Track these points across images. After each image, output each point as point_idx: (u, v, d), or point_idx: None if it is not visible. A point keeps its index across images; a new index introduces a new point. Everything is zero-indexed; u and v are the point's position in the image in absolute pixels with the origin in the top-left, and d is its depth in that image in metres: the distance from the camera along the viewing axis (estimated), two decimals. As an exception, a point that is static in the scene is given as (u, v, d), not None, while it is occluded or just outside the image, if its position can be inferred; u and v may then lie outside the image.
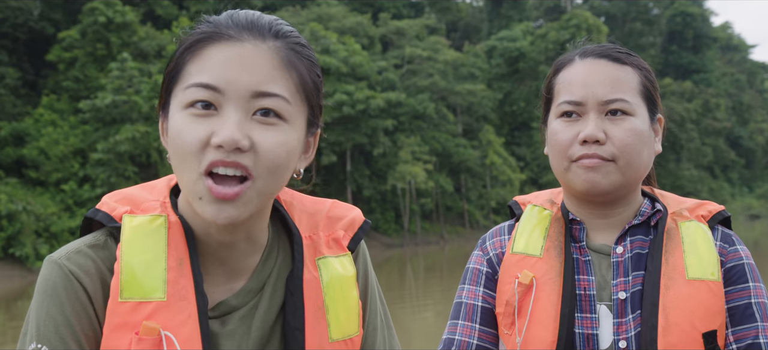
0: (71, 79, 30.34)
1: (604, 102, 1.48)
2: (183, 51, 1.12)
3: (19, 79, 31.04)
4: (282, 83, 1.11)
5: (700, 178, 56.90)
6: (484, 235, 1.72)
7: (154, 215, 1.17)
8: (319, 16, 37.22)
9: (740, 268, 1.51)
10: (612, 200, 1.54)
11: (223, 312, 1.18)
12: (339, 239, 1.29)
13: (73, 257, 1.12)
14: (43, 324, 1.09)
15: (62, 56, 30.96)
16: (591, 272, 1.53)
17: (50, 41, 32.42)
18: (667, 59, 63.86)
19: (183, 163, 1.09)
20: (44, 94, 31.03)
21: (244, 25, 1.12)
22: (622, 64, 1.51)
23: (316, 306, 1.21)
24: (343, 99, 32.59)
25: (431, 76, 37.79)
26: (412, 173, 33.95)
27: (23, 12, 31.49)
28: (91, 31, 29.93)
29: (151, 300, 1.10)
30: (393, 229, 36.23)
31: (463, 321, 1.61)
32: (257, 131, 1.08)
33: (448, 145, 37.59)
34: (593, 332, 1.49)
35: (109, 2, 29.84)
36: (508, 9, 51.55)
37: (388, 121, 33.93)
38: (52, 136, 28.32)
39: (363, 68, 34.31)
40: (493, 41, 45.91)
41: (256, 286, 1.21)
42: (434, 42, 40.02)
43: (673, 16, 63.12)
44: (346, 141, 33.60)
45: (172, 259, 1.13)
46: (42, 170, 27.76)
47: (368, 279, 1.34)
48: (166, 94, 1.15)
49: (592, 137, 1.47)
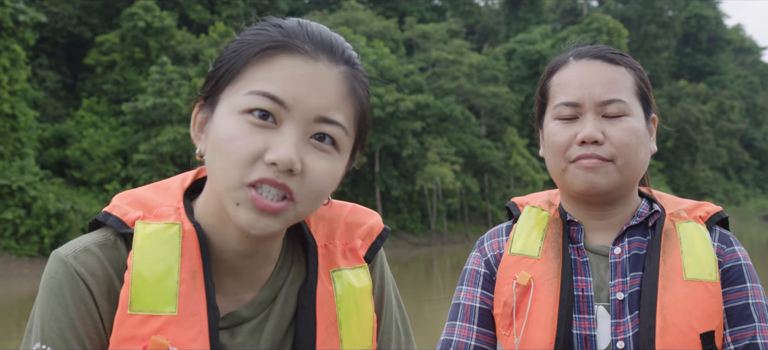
0: (111, 83, 31.19)
1: (601, 103, 1.49)
2: (250, 52, 1.07)
3: (58, 82, 31.97)
4: (345, 113, 1.08)
5: (714, 179, 57.49)
6: (482, 236, 1.71)
7: (168, 222, 1.12)
8: (346, 20, 38.02)
9: (738, 269, 1.51)
10: (610, 200, 1.54)
11: (232, 323, 1.15)
12: (356, 249, 1.25)
13: (80, 256, 1.09)
14: (48, 324, 1.07)
15: (100, 60, 31.80)
16: (589, 273, 1.53)
17: (88, 45, 33.29)
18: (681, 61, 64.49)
19: (228, 169, 1.04)
20: (83, 96, 31.91)
21: (319, 42, 1.08)
22: (616, 65, 1.52)
23: (329, 322, 1.17)
24: (373, 101, 33.32)
25: (457, 78, 38.51)
26: (440, 174, 34.67)
27: (62, 17, 32.38)
28: (130, 35, 30.76)
29: (161, 313, 1.07)
30: (420, 228, 36.99)
31: (460, 322, 1.60)
32: (311, 155, 1.05)
33: (474, 146, 38.33)
34: (591, 333, 1.49)
35: (147, 7, 30.66)
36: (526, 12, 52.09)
37: (417, 123, 34.68)
38: (93, 137, 29.16)
39: (392, 71, 35.08)
40: (512, 44, 46.51)
41: (268, 298, 1.18)
42: (459, 45, 40.76)
43: (688, 19, 63.68)
44: (375, 143, 34.37)
45: (185, 272, 1.09)
46: (85, 170, 28.60)
47: (384, 289, 1.30)
48: (216, 89, 1.09)
49: (591, 138, 1.47)
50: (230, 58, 1.09)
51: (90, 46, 32.94)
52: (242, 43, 1.09)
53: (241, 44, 1.09)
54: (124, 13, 31.02)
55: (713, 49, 65.80)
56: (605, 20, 46.03)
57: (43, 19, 26.60)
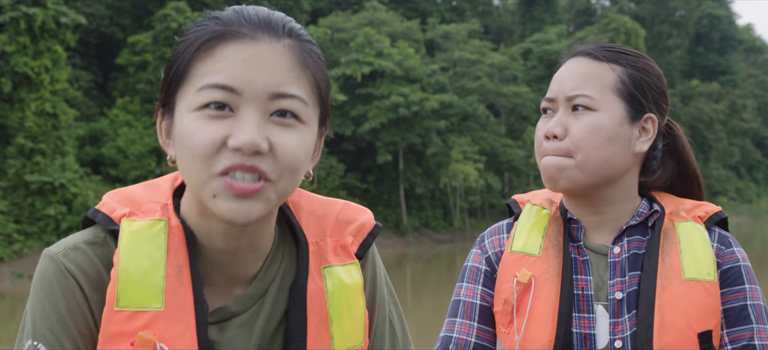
0: (144, 82, 31.91)
1: (567, 98, 1.50)
2: (191, 50, 1.06)
3: (91, 82, 32.71)
4: (299, 84, 1.07)
5: (727, 177, 57.97)
6: (483, 233, 1.71)
7: (154, 219, 1.13)
8: (371, 20, 38.67)
9: (736, 270, 1.51)
10: (593, 198, 1.54)
11: (221, 317, 1.14)
12: (347, 245, 1.24)
13: (70, 254, 1.10)
14: (40, 321, 1.07)
15: (132, 60, 32.51)
16: (589, 272, 1.54)
17: (118, 45, 34.02)
18: (693, 61, 64.89)
19: (194, 165, 1.04)
20: (114, 95, 32.64)
21: (257, 23, 1.07)
22: (598, 62, 1.51)
23: (320, 318, 1.17)
24: (399, 101, 34.04)
25: (479, 78, 39.15)
26: (463, 172, 35.32)
27: (95, 18, 33.10)
28: (162, 36, 31.46)
29: (148, 309, 1.07)
30: (442, 226, 37.66)
31: (461, 319, 1.61)
32: (275, 132, 1.04)
33: (496, 145, 38.98)
34: (590, 332, 1.50)
35: (179, 8, 31.35)
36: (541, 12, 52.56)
37: (442, 122, 35.33)
38: (128, 135, 29.87)
39: (416, 71, 35.74)
40: (528, 44, 47.02)
41: (258, 292, 1.17)
42: (480, 46, 41.38)
43: (700, 19, 64.12)
44: (400, 141, 35.03)
45: (171, 267, 1.10)
46: (120, 167, 29.32)
47: (377, 286, 1.29)
48: (170, 94, 1.09)
49: (550, 133, 1.50)
50: (177, 60, 1.08)
51: (120, 47, 33.65)
52: (184, 42, 1.09)
53: (184, 44, 1.08)
54: (157, 15, 31.70)
55: (725, 48, 66.17)
56: (623, 21, 46.57)
57: (83, 20, 27.33)
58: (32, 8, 25.37)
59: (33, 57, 25.77)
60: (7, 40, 25.61)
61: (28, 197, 25.44)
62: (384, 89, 34.77)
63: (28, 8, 25.32)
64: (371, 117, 34.36)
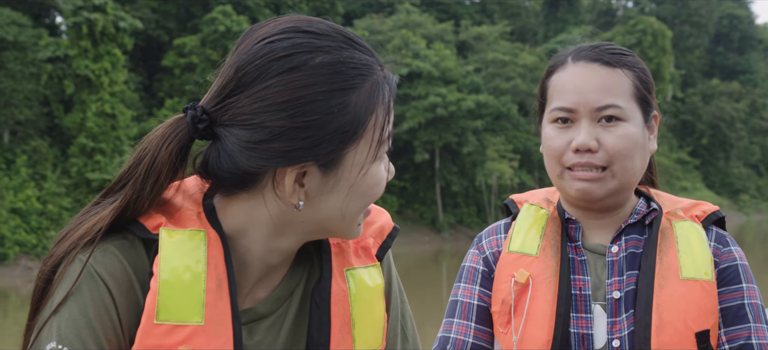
0: (191, 83, 32.92)
1: (596, 109, 1.48)
2: (371, 107, 1.10)
3: (139, 83, 33.81)
4: None
5: (748, 176, 58.55)
6: (480, 233, 1.70)
7: (194, 230, 1.11)
8: (406, 23, 39.59)
9: (734, 269, 1.52)
10: (607, 205, 1.54)
11: (250, 319, 1.15)
12: (368, 247, 1.25)
13: (99, 256, 1.08)
14: (66, 325, 1.04)
15: (178, 62, 33.56)
16: (586, 272, 1.54)
17: (162, 48, 35.08)
18: (713, 60, 65.38)
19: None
20: (161, 96, 33.70)
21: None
22: (613, 68, 1.50)
23: (343, 321, 1.17)
24: (437, 101, 34.98)
25: (512, 79, 40.01)
26: (499, 170, 36.21)
27: (143, 21, 34.20)
28: (210, 39, 32.50)
29: (188, 323, 1.06)
30: (476, 222, 38.54)
31: (458, 319, 1.61)
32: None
33: (529, 144, 39.86)
34: (588, 332, 1.50)
35: (226, 12, 32.38)
36: (565, 12, 53.16)
37: (477, 121, 36.22)
38: (178, 136, 30.81)
39: (452, 72, 36.64)
40: (553, 44, 47.65)
41: (284, 293, 1.19)
42: (512, 47, 42.23)
43: (720, 19, 64.65)
44: (437, 140, 35.95)
45: (211, 280, 1.09)
46: (171, 166, 30.27)
47: (391, 286, 1.31)
48: (335, 150, 1.07)
49: (585, 146, 1.48)
50: (350, 120, 1.06)
51: (165, 49, 34.69)
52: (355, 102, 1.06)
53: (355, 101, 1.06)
54: (204, 18, 32.74)
55: (745, 48, 66.57)
56: (650, 22, 47.22)
57: (139, 25, 28.44)
58: (93, 14, 26.49)
59: (93, 60, 26.92)
60: (69, 44, 26.82)
61: (90, 195, 26.43)
62: (421, 89, 35.70)
63: (90, 14, 26.44)
64: (409, 117, 35.26)
